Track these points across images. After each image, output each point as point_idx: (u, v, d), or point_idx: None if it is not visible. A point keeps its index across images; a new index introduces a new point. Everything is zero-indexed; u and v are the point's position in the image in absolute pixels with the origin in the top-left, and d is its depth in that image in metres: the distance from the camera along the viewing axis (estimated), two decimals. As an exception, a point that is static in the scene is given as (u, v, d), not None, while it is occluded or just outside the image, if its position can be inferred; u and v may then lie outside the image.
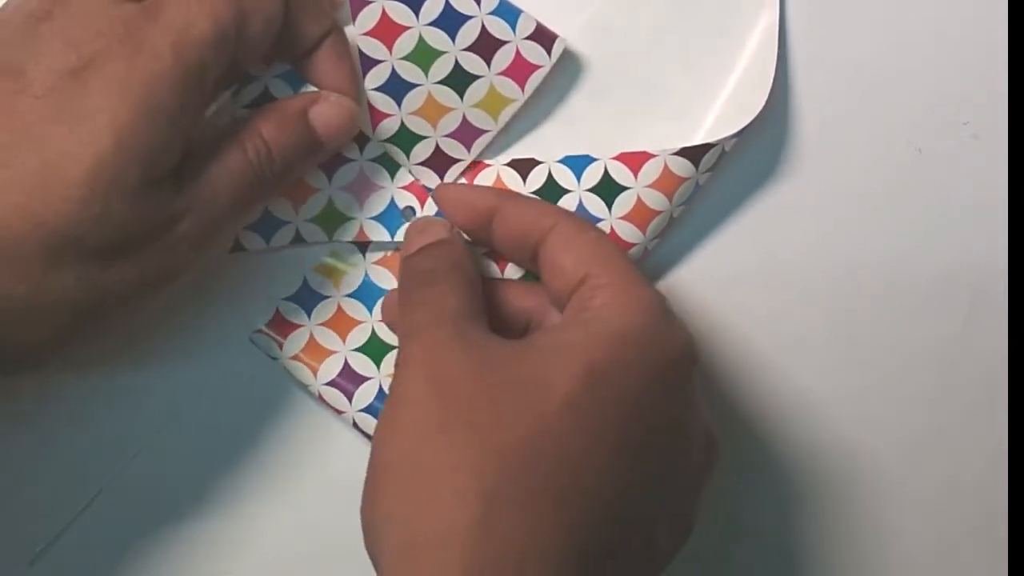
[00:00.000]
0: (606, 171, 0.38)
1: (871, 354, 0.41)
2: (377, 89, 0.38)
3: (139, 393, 0.41)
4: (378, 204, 0.40)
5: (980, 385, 0.41)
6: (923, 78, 0.40)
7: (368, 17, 0.37)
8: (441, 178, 0.40)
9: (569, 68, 0.39)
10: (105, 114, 0.31)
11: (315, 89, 0.38)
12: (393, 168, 0.40)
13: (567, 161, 0.39)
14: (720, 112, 0.39)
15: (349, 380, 0.40)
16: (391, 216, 0.40)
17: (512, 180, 0.39)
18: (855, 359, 0.41)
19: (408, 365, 0.33)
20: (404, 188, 0.40)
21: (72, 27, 0.32)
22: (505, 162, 0.39)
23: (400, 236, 0.40)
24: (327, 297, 0.40)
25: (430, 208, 0.40)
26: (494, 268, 0.40)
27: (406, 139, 0.39)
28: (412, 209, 0.40)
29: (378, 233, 0.40)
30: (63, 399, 0.41)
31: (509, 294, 0.38)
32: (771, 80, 0.38)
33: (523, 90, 0.38)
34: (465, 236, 0.38)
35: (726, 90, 0.39)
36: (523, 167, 0.39)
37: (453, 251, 0.37)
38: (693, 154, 0.38)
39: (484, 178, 0.40)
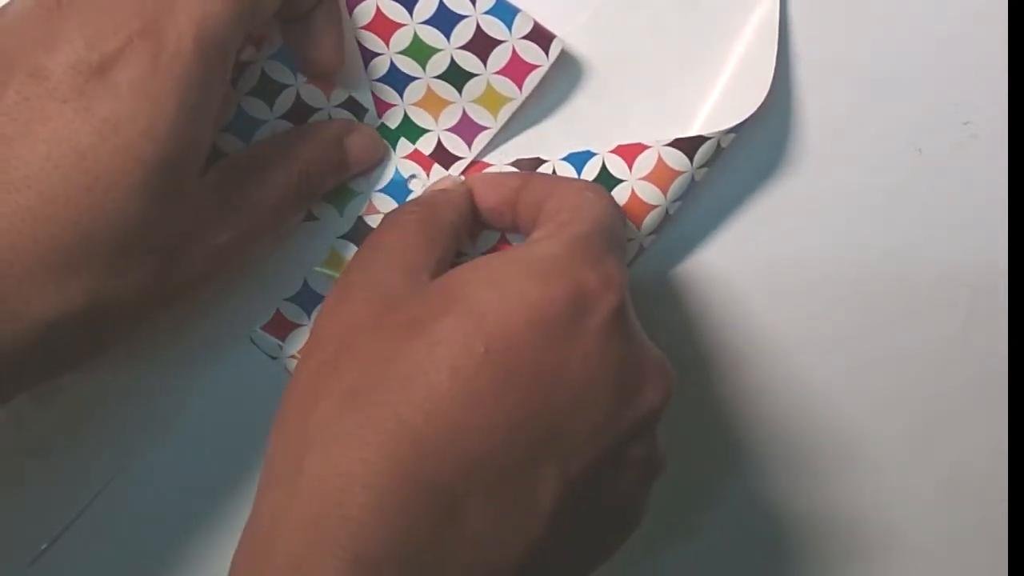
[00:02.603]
0: (603, 165, 0.38)
1: (871, 354, 0.41)
2: (378, 81, 0.38)
3: (139, 393, 0.41)
4: (383, 176, 0.40)
5: (980, 385, 0.41)
6: (923, 78, 0.40)
7: (363, 13, 0.38)
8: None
9: (569, 67, 0.39)
10: (140, 121, 0.31)
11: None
12: (393, 139, 0.40)
13: (570, 158, 0.39)
14: (720, 111, 0.39)
15: None
16: (397, 186, 0.40)
17: None
18: (854, 359, 0.41)
19: (328, 300, 0.35)
20: (406, 158, 0.40)
21: (89, 21, 0.31)
22: (508, 161, 0.40)
23: None
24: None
25: (436, 174, 0.40)
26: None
27: (411, 131, 0.39)
28: (416, 177, 0.40)
29: (387, 204, 0.40)
30: (62, 400, 0.41)
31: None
32: (770, 78, 0.38)
33: (521, 89, 0.38)
34: (492, 222, 0.38)
35: (727, 89, 0.39)
36: (528, 166, 0.39)
37: (434, 196, 0.37)
38: (687, 146, 0.38)
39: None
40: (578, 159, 0.39)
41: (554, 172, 0.39)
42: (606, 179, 0.38)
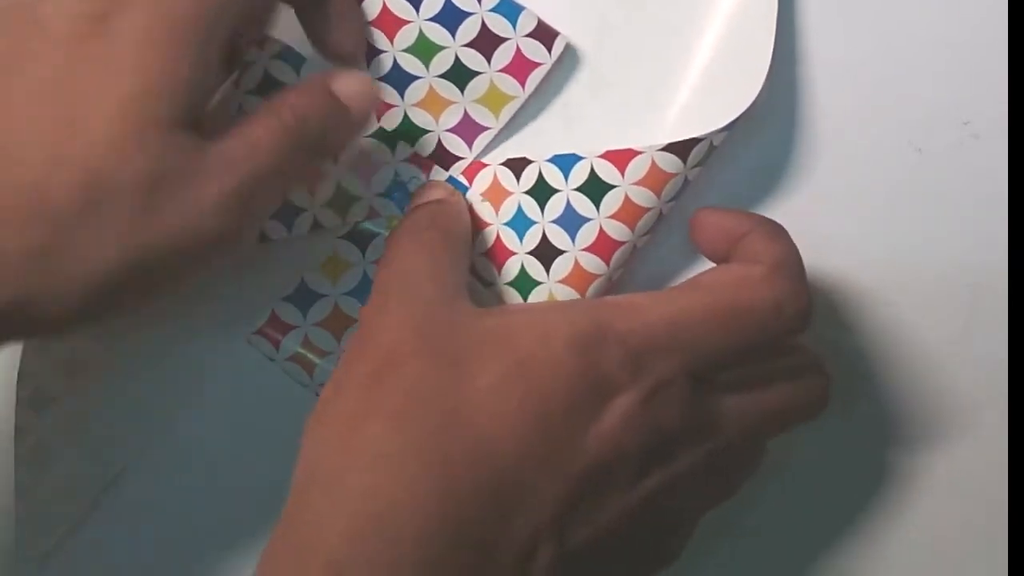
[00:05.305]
0: (592, 170, 0.38)
1: (870, 354, 0.41)
2: (380, 79, 0.38)
3: (137, 395, 0.41)
4: (383, 180, 0.40)
5: (980, 385, 0.41)
6: (923, 78, 0.40)
7: (369, 8, 0.37)
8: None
9: (571, 66, 0.39)
10: (131, 57, 0.31)
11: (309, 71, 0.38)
12: (391, 142, 0.39)
13: (556, 160, 0.39)
14: (722, 110, 0.39)
15: None
16: (399, 191, 0.40)
17: (507, 180, 0.39)
18: (854, 359, 0.41)
19: (367, 310, 0.35)
20: (406, 161, 0.40)
21: None
22: (501, 162, 0.39)
23: None
24: (324, 296, 0.40)
25: (436, 175, 0.40)
26: (489, 210, 0.40)
27: (411, 131, 0.39)
28: (416, 180, 0.40)
29: (388, 208, 0.40)
30: (58, 405, 0.41)
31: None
32: (764, 76, 0.38)
33: (524, 87, 0.38)
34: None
35: (729, 88, 0.39)
36: (517, 166, 0.39)
37: (441, 211, 0.38)
38: (680, 149, 0.37)
39: (482, 178, 0.39)
40: (564, 162, 0.38)
41: (539, 174, 0.39)
42: (596, 184, 0.38)
